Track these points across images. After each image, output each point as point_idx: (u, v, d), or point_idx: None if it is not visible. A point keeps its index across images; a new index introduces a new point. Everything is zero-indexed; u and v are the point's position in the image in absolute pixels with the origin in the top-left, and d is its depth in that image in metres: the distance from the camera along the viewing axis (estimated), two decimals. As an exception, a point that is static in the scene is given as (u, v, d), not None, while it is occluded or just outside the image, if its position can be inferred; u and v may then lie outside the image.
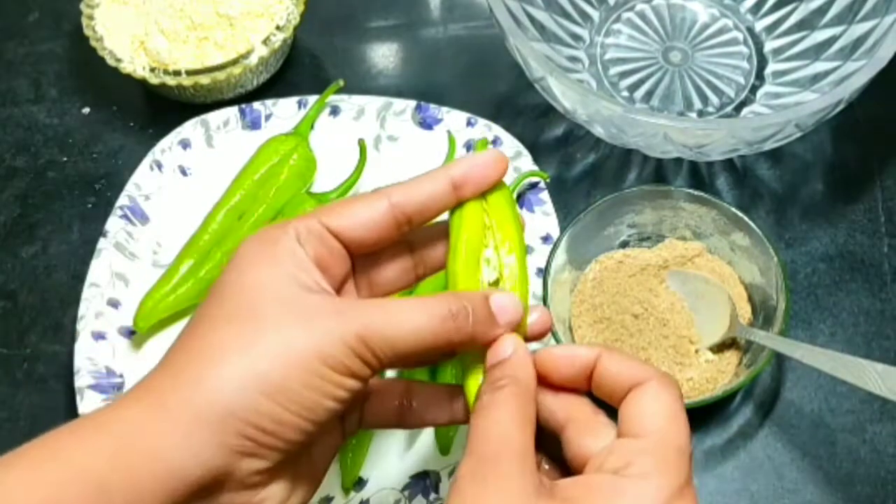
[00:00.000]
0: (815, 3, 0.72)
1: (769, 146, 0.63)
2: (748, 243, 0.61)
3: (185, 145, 0.68)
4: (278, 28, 0.70)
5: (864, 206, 0.68)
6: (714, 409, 0.60)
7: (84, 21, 0.70)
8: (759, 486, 0.58)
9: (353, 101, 0.70)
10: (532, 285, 0.62)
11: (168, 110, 0.71)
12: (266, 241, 0.41)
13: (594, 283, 0.63)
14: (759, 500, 0.58)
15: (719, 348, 0.60)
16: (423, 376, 0.58)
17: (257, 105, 0.69)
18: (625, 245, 0.65)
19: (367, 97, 0.70)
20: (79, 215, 0.69)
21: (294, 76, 0.75)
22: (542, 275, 0.59)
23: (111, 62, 0.69)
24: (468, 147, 0.68)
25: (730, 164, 0.70)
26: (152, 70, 0.69)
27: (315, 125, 0.69)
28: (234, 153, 0.67)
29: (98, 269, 0.62)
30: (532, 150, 0.67)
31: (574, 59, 0.73)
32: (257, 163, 0.66)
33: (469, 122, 0.68)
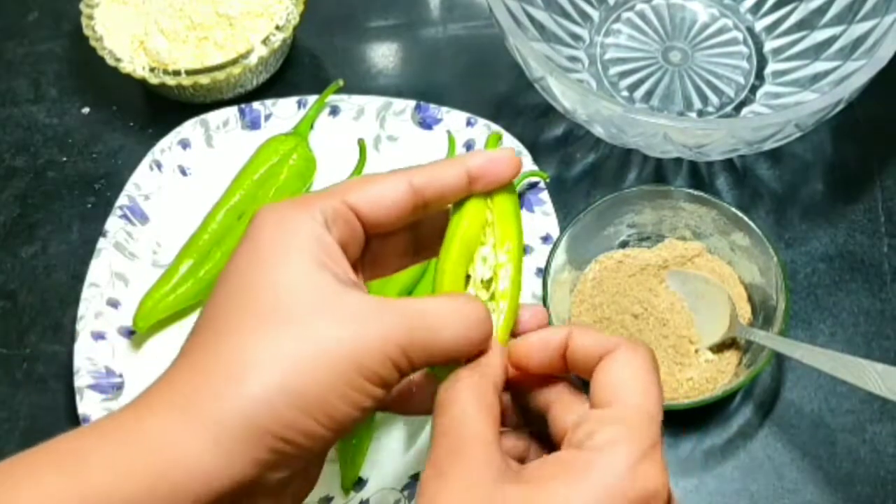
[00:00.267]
0: (815, 3, 0.72)
1: (769, 146, 0.63)
2: (748, 243, 0.61)
3: (184, 145, 0.68)
4: (278, 28, 0.70)
5: (864, 206, 0.68)
6: (714, 409, 0.60)
7: (84, 21, 0.70)
8: (759, 486, 0.58)
9: (353, 101, 0.69)
10: (532, 285, 0.62)
11: (168, 110, 0.71)
12: (285, 222, 0.38)
13: (594, 283, 0.63)
14: (759, 500, 0.58)
15: (719, 348, 0.60)
16: None
17: (257, 105, 0.69)
18: (624, 245, 0.64)
19: (367, 97, 0.70)
20: (78, 215, 0.69)
21: (294, 76, 0.75)
22: (542, 275, 0.59)
23: (111, 62, 0.69)
24: (468, 147, 0.68)
25: (730, 163, 0.70)
26: (152, 70, 0.69)
27: (315, 125, 0.69)
28: (234, 153, 0.67)
29: (98, 268, 0.62)
30: (532, 150, 0.67)
31: (574, 59, 0.73)
32: (257, 163, 0.66)
33: (469, 122, 0.68)
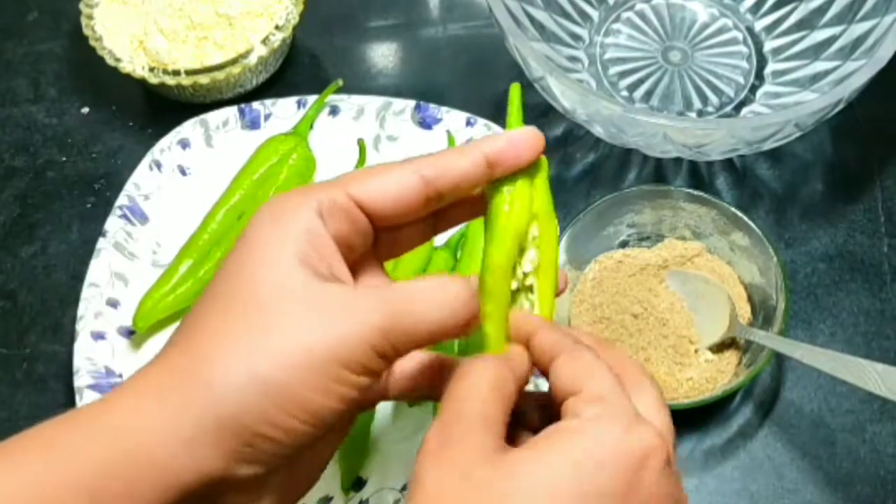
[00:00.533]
0: (815, 3, 0.72)
1: (769, 146, 0.63)
2: (748, 243, 0.61)
3: (184, 145, 0.68)
4: (277, 28, 0.70)
5: (863, 206, 0.68)
6: (714, 409, 0.60)
7: (83, 21, 0.70)
8: (759, 486, 0.58)
9: (353, 101, 0.69)
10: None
11: (167, 110, 0.71)
12: (281, 213, 0.38)
13: (594, 283, 0.63)
14: (759, 500, 0.58)
15: (719, 348, 0.60)
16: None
17: (256, 105, 0.69)
18: (624, 245, 0.64)
19: (367, 97, 0.70)
20: (78, 215, 0.69)
21: (293, 76, 0.75)
22: (542, 275, 0.59)
23: (110, 62, 0.69)
24: (468, 147, 0.67)
25: (729, 163, 0.70)
26: (151, 70, 0.69)
27: (314, 125, 0.69)
28: (234, 153, 0.67)
29: (97, 268, 0.62)
30: (532, 150, 0.67)
31: (573, 59, 0.73)
32: (256, 162, 0.66)
33: (468, 122, 0.68)
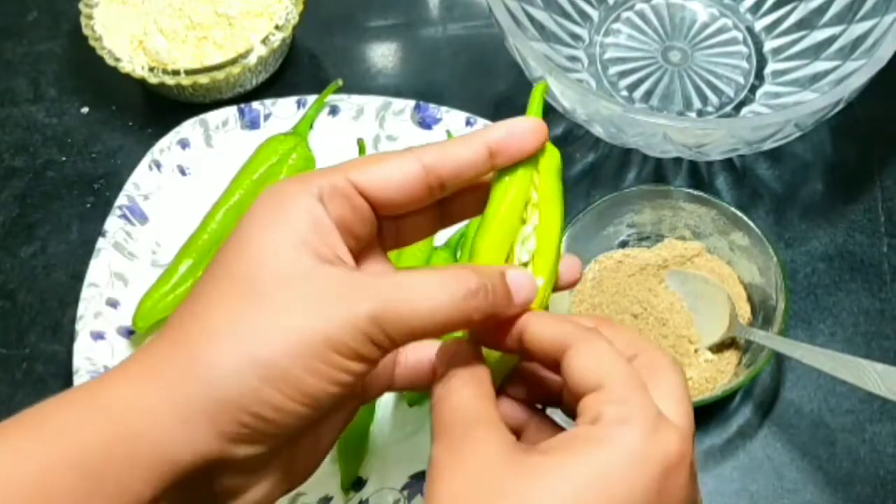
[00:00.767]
0: (815, 3, 0.72)
1: (769, 146, 0.63)
2: (747, 243, 0.61)
3: (183, 145, 0.68)
4: (277, 28, 0.70)
5: (863, 206, 0.68)
6: (713, 409, 0.60)
7: (83, 20, 0.70)
8: (758, 486, 0.58)
9: (352, 101, 0.69)
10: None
11: (167, 110, 0.71)
12: (282, 197, 0.38)
13: (593, 283, 0.63)
14: (759, 500, 0.58)
15: (719, 348, 0.60)
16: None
17: (256, 105, 0.69)
18: (624, 245, 0.64)
19: (366, 97, 0.70)
20: (78, 215, 0.69)
21: (293, 76, 0.75)
22: (542, 274, 0.59)
23: (110, 62, 0.69)
24: (467, 147, 0.67)
25: (729, 163, 0.70)
26: (151, 69, 0.69)
27: (314, 125, 0.69)
28: (233, 153, 0.67)
29: (97, 268, 0.62)
30: (531, 150, 0.67)
31: (573, 59, 0.73)
32: (256, 162, 0.66)
33: (468, 122, 0.68)
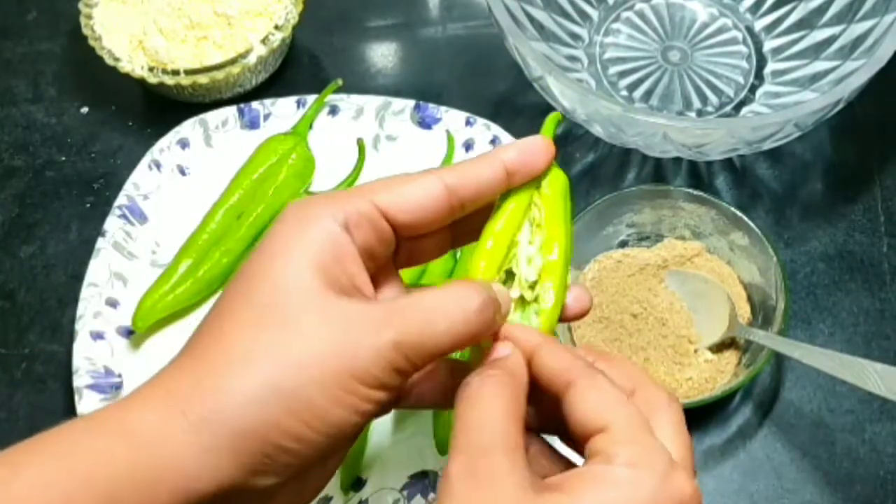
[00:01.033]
0: (815, 3, 0.72)
1: (768, 146, 0.63)
2: (747, 243, 0.61)
3: (183, 145, 0.68)
4: (277, 27, 0.70)
5: (863, 206, 0.68)
6: (713, 409, 0.60)
7: (82, 20, 0.70)
8: (758, 486, 0.58)
9: (352, 101, 0.69)
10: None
11: (166, 110, 0.71)
12: (306, 220, 0.38)
13: (593, 283, 0.63)
14: (759, 500, 0.58)
15: (718, 348, 0.60)
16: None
17: (256, 104, 0.69)
18: (624, 245, 0.64)
19: (366, 97, 0.70)
20: (77, 215, 0.69)
21: (293, 76, 0.75)
22: (541, 274, 0.59)
23: (109, 61, 0.69)
24: (467, 147, 0.68)
25: (729, 163, 0.70)
26: (151, 69, 0.69)
27: (314, 125, 0.69)
28: (233, 153, 0.67)
29: (96, 268, 0.62)
30: (531, 150, 0.67)
31: (573, 59, 0.73)
32: (256, 162, 0.66)
33: (468, 122, 0.68)
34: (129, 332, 0.61)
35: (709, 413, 0.60)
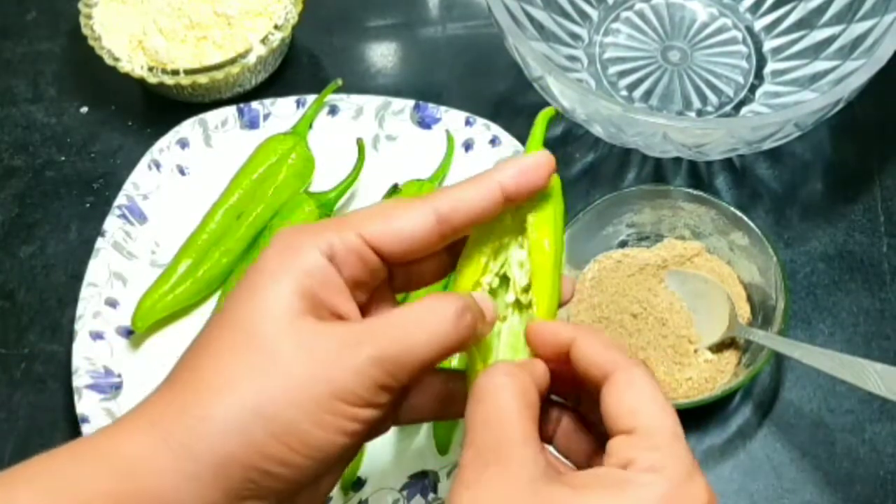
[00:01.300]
0: (815, 2, 0.72)
1: (768, 146, 0.63)
2: (747, 243, 0.61)
3: (183, 145, 0.68)
4: (276, 27, 0.70)
5: (863, 206, 0.68)
6: (713, 409, 0.60)
7: (82, 20, 0.70)
8: (758, 486, 0.58)
9: (352, 101, 0.69)
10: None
11: (166, 110, 0.71)
12: (291, 250, 0.38)
13: (593, 283, 0.63)
14: (759, 500, 0.58)
15: (718, 348, 0.60)
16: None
17: (255, 104, 0.69)
18: (623, 245, 0.64)
19: (366, 96, 0.70)
20: (77, 215, 0.69)
21: (292, 75, 0.75)
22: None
23: (109, 61, 0.69)
24: (467, 147, 0.67)
25: (729, 163, 0.70)
26: (150, 69, 0.69)
27: (313, 124, 0.69)
28: (233, 152, 0.67)
29: (96, 268, 0.62)
30: (531, 150, 0.67)
31: (573, 59, 0.73)
32: (255, 162, 0.66)
33: (468, 122, 0.68)
34: (128, 332, 0.61)
35: (709, 413, 0.60)
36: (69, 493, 0.34)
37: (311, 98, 0.69)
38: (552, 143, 0.70)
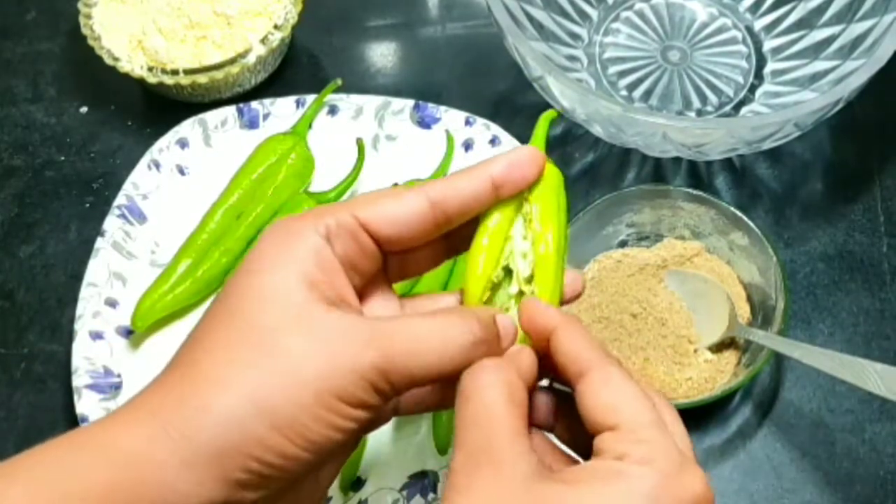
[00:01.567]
0: (814, 2, 0.72)
1: (768, 145, 0.63)
2: (747, 243, 0.61)
3: (182, 145, 0.68)
4: (276, 27, 0.70)
5: (863, 206, 0.68)
6: (713, 409, 0.60)
7: (82, 20, 0.70)
8: (758, 486, 0.58)
9: (352, 101, 0.69)
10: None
11: (166, 109, 0.71)
12: (287, 235, 0.38)
13: (593, 283, 0.63)
14: (759, 500, 0.58)
15: (718, 348, 0.60)
16: None
17: (255, 104, 0.69)
18: (623, 244, 0.64)
19: (366, 96, 0.70)
20: (76, 215, 0.69)
21: (292, 75, 0.75)
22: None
23: (109, 61, 0.69)
24: (467, 147, 0.67)
25: (729, 163, 0.70)
26: (150, 69, 0.69)
27: (313, 124, 0.69)
28: (232, 152, 0.67)
29: (96, 268, 0.62)
30: (531, 150, 0.67)
31: (573, 59, 0.73)
32: (255, 162, 0.66)
33: (467, 122, 0.68)
34: (128, 332, 0.61)
35: (709, 413, 0.60)
36: (67, 484, 0.34)
37: (310, 98, 0.69)
38: (553, 143, 0.71)
